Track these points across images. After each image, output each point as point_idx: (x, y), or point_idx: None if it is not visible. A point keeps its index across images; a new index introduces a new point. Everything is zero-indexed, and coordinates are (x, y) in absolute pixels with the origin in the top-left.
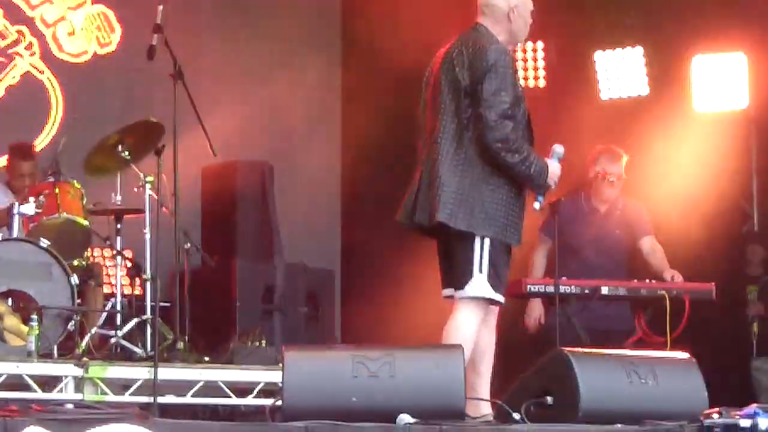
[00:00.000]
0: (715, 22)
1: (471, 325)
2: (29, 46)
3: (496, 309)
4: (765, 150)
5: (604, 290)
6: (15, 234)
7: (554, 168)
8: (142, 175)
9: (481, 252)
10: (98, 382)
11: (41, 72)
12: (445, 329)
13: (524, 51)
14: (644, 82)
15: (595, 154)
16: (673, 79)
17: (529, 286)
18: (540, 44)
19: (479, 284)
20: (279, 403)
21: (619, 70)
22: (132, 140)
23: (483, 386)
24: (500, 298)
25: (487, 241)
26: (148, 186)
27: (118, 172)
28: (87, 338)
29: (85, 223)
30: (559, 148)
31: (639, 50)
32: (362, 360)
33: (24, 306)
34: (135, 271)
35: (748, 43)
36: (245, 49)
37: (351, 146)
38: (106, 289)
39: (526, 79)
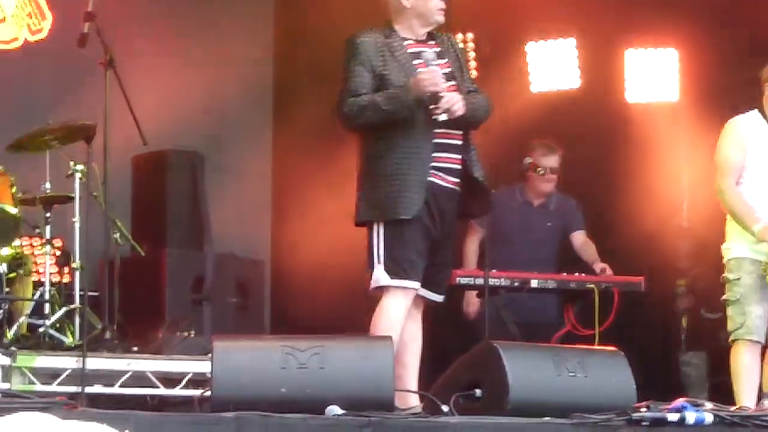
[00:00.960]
0: (648, 18)
1: (386, 316)
2: None
3: (419, 300)
4: (695, 144)
5: (534, 283)
6: None
7: (418, 77)
8: (72, 163)
9: (378, 240)
10: (26, 371)
11: None
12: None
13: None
14: (576, 75)
15: (529, 148)
16: (605, 71)
17: (458, 278)
18: (470, 35)
19: (378, 275)
20: (208, 393)
21: (551, 62)
22: (61, 133)
23: (410, 378)
24: (402, 282)
25: (380, 227)
26: (77, 174)
27: (46, 150)
28: (15, 327)
29: (14, 211)
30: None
31: (571, 42)
32: (291, 351)
33: None
34: (64, 259)
35: (680, 39)
36: (177, 37)
37: (282, 136)
38: (35, 278)
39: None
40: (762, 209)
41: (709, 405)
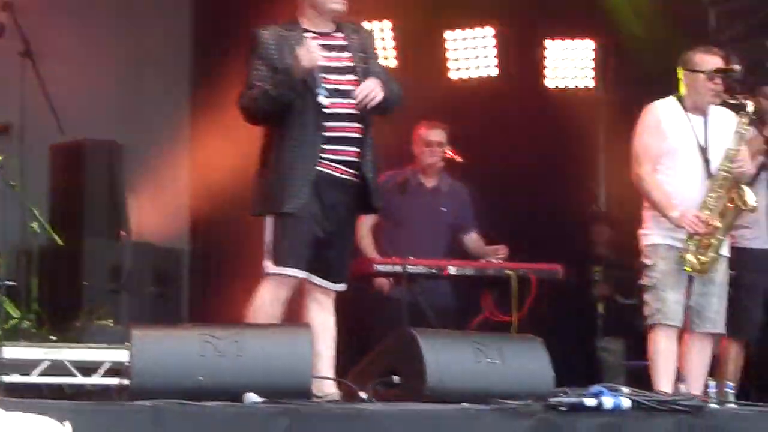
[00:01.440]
0: (566, 9)
1: (257, 301)
2: None
3: (325, 290)
4: (612, 131)
5: (452, 270)
6: None
7: (295, 54)
8: None
9: (268, 230)
10: None
11: None
12: None
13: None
14: (494, 63)
15: (416, 127)
16: (524, 60)
17: (376, 266)
18: (388, 24)
19: (265, 263)
20: (126, 382)
21: (470, 50)
22: None
23: (325, 367)
24: (280, 269)
25: (269, 218)
26: None
27: None
28: None
29: None
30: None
31: (490, 30)
32: (209, 339)
33: None
34: None
35: (597, 30)
36: (94, 27)
37: (200, 125)
38: None
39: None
40: (679, 196)
41: (626, 390)
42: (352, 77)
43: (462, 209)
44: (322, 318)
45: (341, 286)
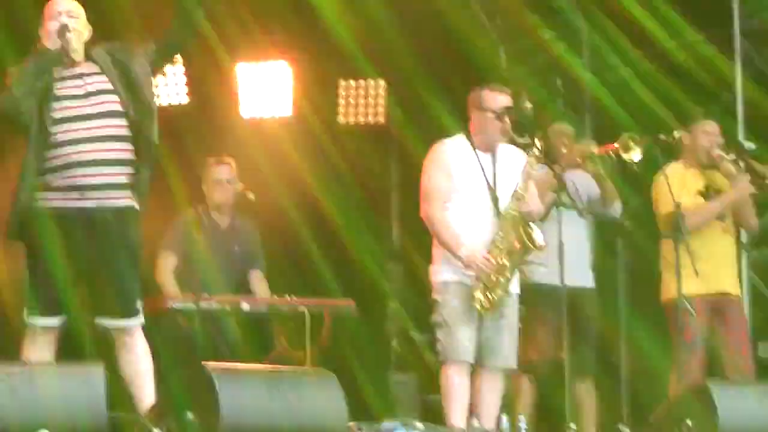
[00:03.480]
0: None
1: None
2: None
3: (133, 330)
4: (404, 164)
5: (245, 306)
6: None
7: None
8: None
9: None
10: None
11: None
12: None
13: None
14: (289, 100)
15: (205, 165)
16: (318, 97)
17: (171, 303)
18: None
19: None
20: None
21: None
22: None
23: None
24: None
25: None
26: None
27: None
28: None
29: None
30: None
31: (284, 65)
32: (2, 376)
33: None
34: None
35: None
36: None
37: None
38: None
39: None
40: (468, 234)
41: (420, 425)
42: (109, 97)
43: (252, 246)
44: (131, 360)
45: (130, 322)
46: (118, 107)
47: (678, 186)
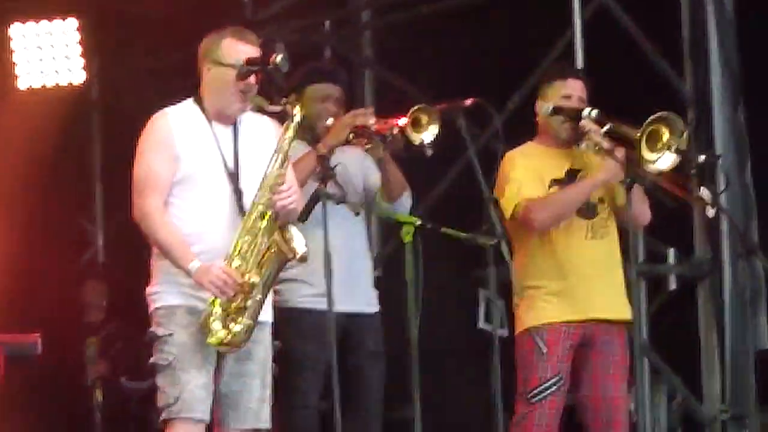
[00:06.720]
0: None
1: None
2: None
3: None
4: (113, 142)
5: None
6: None
7: None
8: None
9: None
10: None
11: None
12: None
13: None
14: None
15: None
16: None
17: None
18: None
19: None
20: None
21: None
22: None
23: None
24: None
25: None
26: None
27: None
28: None
29: None
30: None
31: None
32: None
33: None
34: None
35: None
36: None
37: None
38: None
39: None
40: (200, 240)
41: None
42: None
43: None
44: None
45: None
46: None
47: (524, 174)
